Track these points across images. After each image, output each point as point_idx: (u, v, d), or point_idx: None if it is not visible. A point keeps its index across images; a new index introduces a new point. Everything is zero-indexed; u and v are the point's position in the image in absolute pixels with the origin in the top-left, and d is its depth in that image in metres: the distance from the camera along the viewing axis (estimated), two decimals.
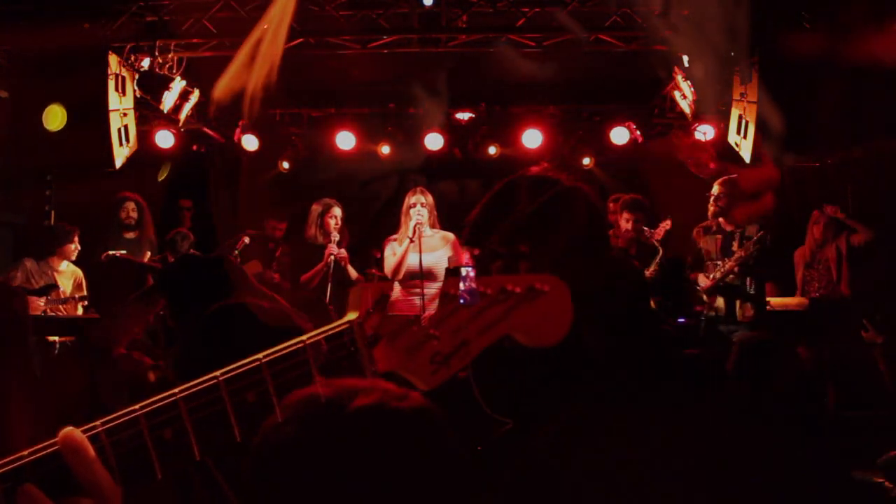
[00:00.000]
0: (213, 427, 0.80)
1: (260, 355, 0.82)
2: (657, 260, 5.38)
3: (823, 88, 5.01)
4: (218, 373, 0.80)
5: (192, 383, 0.79)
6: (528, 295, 0.94)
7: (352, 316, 0.88)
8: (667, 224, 5.65)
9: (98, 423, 0.77)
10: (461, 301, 0.98)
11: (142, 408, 0.78)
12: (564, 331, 0.96)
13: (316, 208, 5.95)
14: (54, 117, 5.63)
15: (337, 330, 0.86)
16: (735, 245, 5.19)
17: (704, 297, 5.26)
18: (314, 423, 0.93)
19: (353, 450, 0.96)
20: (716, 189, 5.50)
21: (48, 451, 0.76)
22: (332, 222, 5.84)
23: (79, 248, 5.96)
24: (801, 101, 5.08)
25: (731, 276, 5.14)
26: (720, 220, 5.33)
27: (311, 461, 0.96)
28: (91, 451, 0.75)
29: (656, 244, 5.49)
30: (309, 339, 0.85)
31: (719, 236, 5.28)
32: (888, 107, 4.84)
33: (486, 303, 0.93)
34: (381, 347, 0.88)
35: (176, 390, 0.79)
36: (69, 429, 0.76)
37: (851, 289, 5.52)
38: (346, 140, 7.93)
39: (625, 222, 5.62)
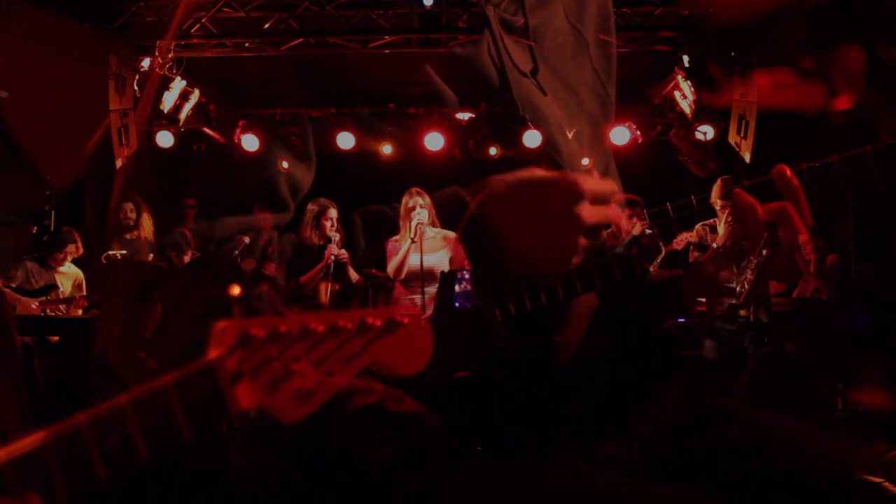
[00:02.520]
0: (81, 472, 0.80)
1: (124, 398, 0.82)
2: (658, 260, 5.35)
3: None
4: (81, 416, 0.81)
5: (59, 426, 0.80)
6: (388, 327, 0.96)
7: (213, 354, 0.88)
8: (690, 236, 5.59)
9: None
10: (456, 304, 0.99)
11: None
12: (425, 361, 0.98)
13: (312, 209, 5.87)
14: None
15: (198, 370, 0.87)
16: (745, 243, 5.15)
17: (738, 305, 5.20)
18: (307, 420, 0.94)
19: (350, 447, 0.96)
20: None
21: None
22: (328, 224, 5.81)
23: (81, 250, 5.96)
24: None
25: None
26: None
27: (308, 457, 0.97)
28: None
29: (660, 244, 5.45)
30: (171, 381, 0.85)
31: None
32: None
33: (346, 336, 0.94)
34: (244, 384, 0.88)
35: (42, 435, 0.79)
36: None
37: (829, 296, 5.49)
38: (346, 140, 7.93)
39: (627, 220, 5.57)
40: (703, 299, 5.16)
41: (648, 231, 5.89)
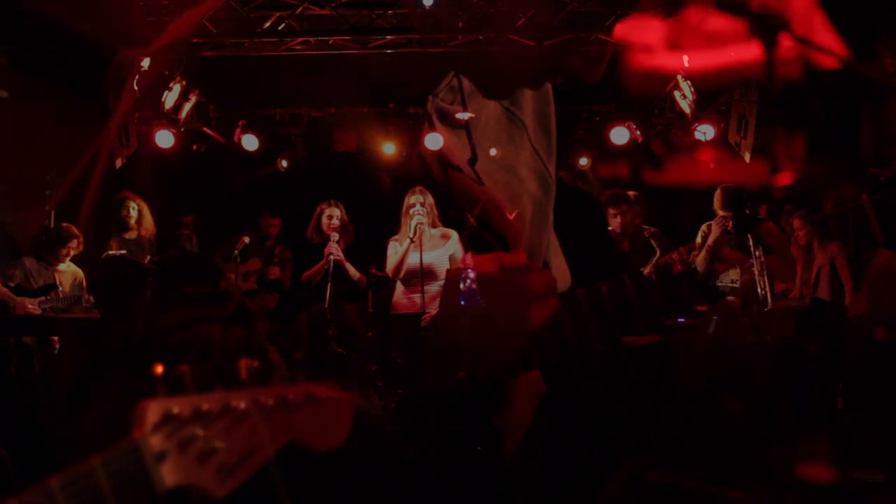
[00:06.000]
0: None
1: (53, 480, 0.83)
2: (653, 261, 5.33)
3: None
4: (12, 501, 0.81)
5: None
6: (308, 402, 1.00)
7: (138, 434, 0.89)
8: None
9: None
10: (462, 303, 0.99)
11: None
12: (344, 434, 1.02)
13: (318, 209, 5.99)
14: None
15: (123, 451, 0.88)
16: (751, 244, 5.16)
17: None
18: None
19: None
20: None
21: None
22: (327, 222, 5.87)
23: (81, 248, 5.94)
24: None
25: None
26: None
27: None
28: None
29: (654, 243, 5.43)
30: (98, 461, 0.86)
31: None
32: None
33: (267, 412, 0.97)
34: (170, 463, 0.90)
35: None
36: None
37: (832, 296, 5.46)
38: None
39: (612, 218, 5.50)
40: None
41: (644, 226, 5.87)
